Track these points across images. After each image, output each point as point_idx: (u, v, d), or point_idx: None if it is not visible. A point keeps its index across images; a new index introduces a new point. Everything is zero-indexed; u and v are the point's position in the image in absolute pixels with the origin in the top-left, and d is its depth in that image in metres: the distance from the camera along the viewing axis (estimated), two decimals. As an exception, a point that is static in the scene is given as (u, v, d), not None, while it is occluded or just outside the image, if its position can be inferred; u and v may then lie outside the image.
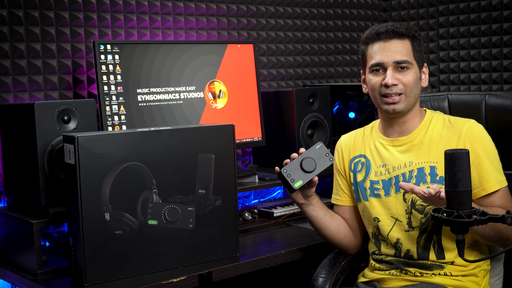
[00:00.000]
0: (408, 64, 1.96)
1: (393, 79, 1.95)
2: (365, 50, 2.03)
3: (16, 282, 2.15)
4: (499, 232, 1.85)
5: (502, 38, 3.41)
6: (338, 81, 3.61)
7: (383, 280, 2.02)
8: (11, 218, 2.22)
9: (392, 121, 2.04)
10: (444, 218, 1.51)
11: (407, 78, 1.96)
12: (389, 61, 1.96)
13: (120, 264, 1.98)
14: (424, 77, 2.04)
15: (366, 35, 2.02)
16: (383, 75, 1.97)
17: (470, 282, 1.94)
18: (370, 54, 2.00)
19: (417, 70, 1.99)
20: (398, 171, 2.01)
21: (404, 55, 1.96)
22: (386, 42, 1.97)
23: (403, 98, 1.97)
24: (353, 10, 3.71)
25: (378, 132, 2.10)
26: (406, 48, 1.97)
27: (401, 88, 1.96)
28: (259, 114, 2.84)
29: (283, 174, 1.98)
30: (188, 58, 2.64)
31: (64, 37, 2.61)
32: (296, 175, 1.98)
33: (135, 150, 1.98)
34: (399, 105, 1.97)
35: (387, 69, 1.96)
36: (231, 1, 3.13)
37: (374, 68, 1.99)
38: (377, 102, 2.02)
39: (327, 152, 2.03)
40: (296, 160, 2.00)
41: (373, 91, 2.01)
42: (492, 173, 1.91)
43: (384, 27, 1.98)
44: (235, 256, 2.19)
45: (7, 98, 2.48)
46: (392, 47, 1.97)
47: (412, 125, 2.02)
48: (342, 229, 2.13)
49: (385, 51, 1.97)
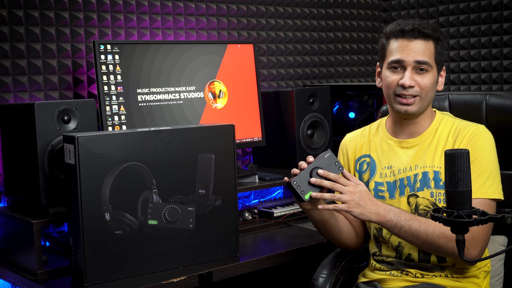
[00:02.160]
0: (428, 66, 1.92)
1: (411, 80, 1.91)
2: (385, 44, 1.98)
3: (16, 282, 2.15)
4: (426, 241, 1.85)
5: (502, 38, 3.41)
6: (338, 81, 3.61)
7: (384, 280, 2.02)
8: (11, 218, 2.22)
9: (403, 122, 2.01)
10: (444, 218, 1.51)
11: (425, 81, 1.92)
12: (409, 61, 1.92)
13: (120, 264, 1.98)
14: (441, 81, 2.00)
15: (390, 29, 1.96)
16: (401, 74, 1.93)
17: (471, 284, 1.94)
18: (391, 49, 1.95)
19: (435, 73, 1.96)
20: (403, 174, 1.99)
21: (426, 56, 1.92)
22: (410, 41, 1.92)
23: (418, 100, 1.93)
24: (353, 10, 3.71)
25: (385, 132, 2.08)
26: (429, 50, 1.93)
27: (417, 91, 1.92)
28: (259, 114, 2.84)
29: (293, 185, 1.94)
30: (188, 58, 2.64)
31: (64, 37, 2.61)
32: (306, 187, 1.94)
33: (135, 150, 1.98)
34: (413, 107, 1.94)
35: (406, 69, 1.92)
36: (231, 1, 3.13)
37: (393, 65, 1.95)
38: (390, 100, 1.98)
39: (336, 161, 1.97)
40: (306, 171, 1.95)
41: (388, 89, 1.97)
42: (475, 180, 1.83)
43: (411, 25, 1.92)
44: (235, 256, 2.19)
45: (7, 98, 2.48)
46: (415, 46, 1.92)
47: (422, 127, 2.00)
48: (346, 230, 2.11)
49: (407, 49, 1.92)
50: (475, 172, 1.85)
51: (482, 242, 1.85)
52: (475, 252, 1.83)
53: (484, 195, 1.86)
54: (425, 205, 1.94)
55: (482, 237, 1.84)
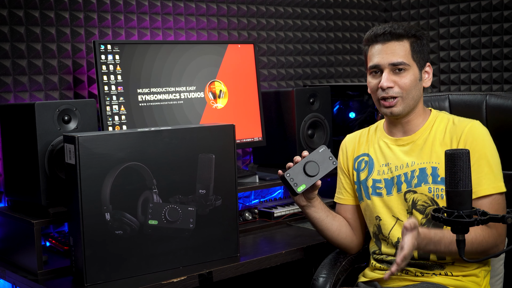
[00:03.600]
0: (405, 65, 1.95)
1: (389, 81, 1.95)
2: (366, 52, 2.04)
3: (16, 282, 2.15)
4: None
5: (502, 38, 3.41)
6: (338, 81, 3.61)
7: (384, 280, 2.02)
8: (11, 218, 2.22)
9: (395, 122, 2.04)
10: (444, 218, 1.51)
11: (403, 80, 1.95)
12: (384, 64, 1.96)
13: (120, 264, 1.98)
14: (427, 77, 2.02)
15: (366, 36, 2.02)
16: (379, 78, 1.98)
17: (471, 282, 1.94)
18: (370, 56, 2.01)
19: (416, 71, 1.98)
20: (400, 171, 2.01)
21: (400, 57, 1.95)
22: (384, 44, 1.97)
23: (400, 101, 1.96)
24: (353, 10, 3.71)
25: (382, 131, 2.11)
26: (403, 50, 1.96)
27: (397, 92, 1.96)
28: (260, 114, 2.84)
29: (286, 178, 1.97)
30: (188, 58, 2.64)
31: (64, 37, 2.61)
32: (299, 179, 1.98)
33: (136, 150, 1.98)
34: (396, 108, 1.97)
35: (383, 71, 1.96)
36: (231, 1, 3.13)
37: (372, 70, 2.00)
38: (377, 105, 2.03)
39: (330, 155, 2.02)
40: (299, 164, 1.99)
41: (373, 94, 2.03)
42: (486, 177, 1.90)
43: (382, 28, 1.98)
44: (235, 256, 2.19)
45: (7, 98, 2.48)
46: (389, 49, 1.96)
47: (416, 125, 2.02)
48: (344, 230, 2.13)
49: (382, 53, 1.97)
50: (483, 169, 1.90)
51: (505, 236, 1.91)
52: (503, 246, 1.89)
53: (497, 190, 1.91)
54: (423, 201, 1.96)
55: (504, 232, 1.90)
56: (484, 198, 1.89)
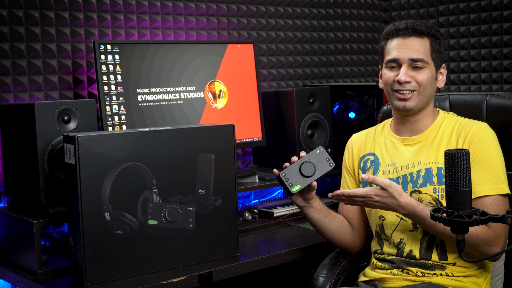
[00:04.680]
0: (424, 63, 1.96)
1: (406, 76, 1.96)
2: (384, 45, 2.03)
3: (16, 282, 2.15)
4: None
5: (502, 38, 3.41)
6: (338, 81, 3.61)
7: (384, 279, 2.02)
8: (11, 218, 2.22)
9: (404, 119, 2.04)
10: (444, 218, 1.51)
11: (421, 76, 1.96)
12: (404, 58, 1.96)
13: (120, 264, 1.98)
14: (441, 78, 2.04)
15: (386, 30, 2.02)
16: (397, 71, 1.98)
17: (471, 283, 1.94)
18: (388, 49, 2.01)
19: (433, 70, 1.99)
20: (406, 171, 2.01)
21: (420, 54, 1.96)
22: (404, 39, 1.97)
23: (415, 95, 1.97)
24: (353, 10, 3.71)
25: (389, 130, 2.11)
26: (424, 47, 1.97)
27: (414, 86, 1.96)
28: (259, 114, 2.84)
29: (281, 177, 1.97)
30: (188, 58, 2.64)
31: (64, 37, 2.61)
32: (294, 179, 1.98)
33: (135, 150, 1.98)
34: (410, 102, 1.97)
35: (402, 66, 1.97)
36: (231, 1, 3.13)
37: (390, 64, 2.00)
38: (389, 97, 2.02)
39: (327, 157, 2.02)
40: (296, 164, 1.99)
41: (386, 86, 2.02)
42: (488, 178, 1.89)
43: (404, 23, 1.98)
44: (235, 256, 2.19)
45: (7, 98, 2.48)
46: (410, 44, 1.96)
47: (424, 125, 2.02)
48: (343, 230, 2.12)
49: (402, 47, 1.97)
50: (485, 169, 1.89)
51: (504, 238, 1.88)
52: (498, 249, 1.86)
53: (498, 191, 1.89)
54: (427, 200, 1.95)
55: (504, 234, 1.88)
56: (483, 199, 1.88)
